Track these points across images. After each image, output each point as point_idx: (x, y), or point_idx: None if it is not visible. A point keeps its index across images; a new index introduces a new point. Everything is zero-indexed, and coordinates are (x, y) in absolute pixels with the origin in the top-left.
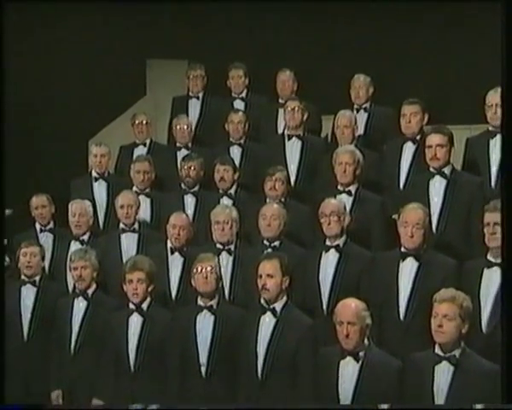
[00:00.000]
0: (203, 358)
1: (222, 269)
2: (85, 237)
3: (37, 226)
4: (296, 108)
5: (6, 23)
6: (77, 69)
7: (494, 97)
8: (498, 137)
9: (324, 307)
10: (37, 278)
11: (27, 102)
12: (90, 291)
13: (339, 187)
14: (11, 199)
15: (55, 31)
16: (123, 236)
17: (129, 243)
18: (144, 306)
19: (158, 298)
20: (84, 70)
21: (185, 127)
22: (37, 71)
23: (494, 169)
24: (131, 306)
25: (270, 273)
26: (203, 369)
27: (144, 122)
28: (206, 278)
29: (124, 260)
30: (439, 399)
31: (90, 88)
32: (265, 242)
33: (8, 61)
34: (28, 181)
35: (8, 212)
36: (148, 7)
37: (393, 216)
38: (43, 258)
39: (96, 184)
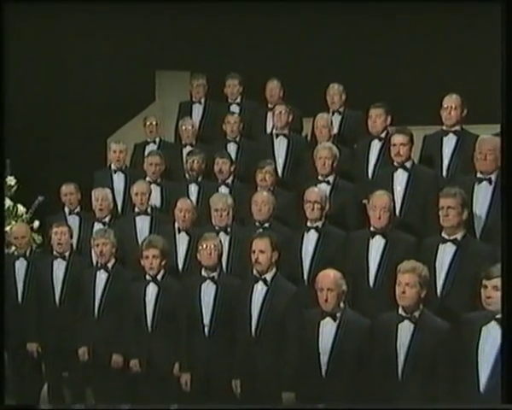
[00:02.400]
0: (206, 320)
1: None
2: (106, 219)
3: (66, 210)
4: (283, 111)
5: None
6: (98, 80)
7: (449, 101)
8: (451, 135)
9: (305, 277)
10: (67, 254)
11: (55, 109)
12: (109, 265)
13: (319, 177)
14: (42, 187)
15: (74, 41)
16: (137, 218)
17: (143, 225)
18: (159, 277)
19: (167, 270)
20: (103, 80)
21: (190, 127)
22: (64, 77)
23: (446, 162)
24: (148, 277)
25: (261, 249)
26: (206, 329)
27: (154, 123)
28: (210, 254)
29: (139, 239)
30: (402, 351)
31: (107, 95)
32: (257, 223)
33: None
34: (56, 173)
35: (40, 198)
36: (158, 28)
37: (364, 201)
38: (71, 236)
39: (115, 176)
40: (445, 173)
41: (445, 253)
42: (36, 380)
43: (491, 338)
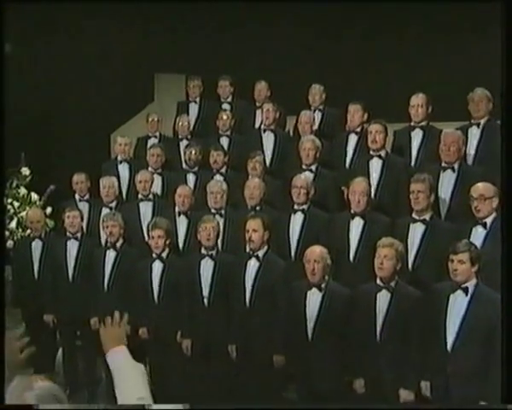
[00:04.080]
0: (205, 292)
1: None
2: (113, 205)
3: (77, 197)
4: (271, 109)
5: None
6: (102, 82)
7: (416, 100)
8: (417, 130)
9: (293, 254)
10: (79, 235)
11: (64, 108)
12: (118, 244)
13: (303, 166)
14: (53, 178)
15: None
16: (141, 204)
17: (146, 209)
18: (164, 255)
19: (171, 248)
20: (107, 82)
21: (186, 123)
22: (70, 79)
23: (414, 153)
24: (154, 255)
25: (254, 228)
26: (205, 300)
27: (156, 120)
28: (209, 234)
29: (142, 222)
30: (380, 316)
31: (111, 96)
32: (249, 207)
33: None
34: (66, 165)
35: (51, 187)
36: (157, 35)
37: (342, 187)
38: (82, 219)
39: (120, 166)
40: (413, 163)
41: (416, 231)
42: (51, 348)
43: (457, 304)
